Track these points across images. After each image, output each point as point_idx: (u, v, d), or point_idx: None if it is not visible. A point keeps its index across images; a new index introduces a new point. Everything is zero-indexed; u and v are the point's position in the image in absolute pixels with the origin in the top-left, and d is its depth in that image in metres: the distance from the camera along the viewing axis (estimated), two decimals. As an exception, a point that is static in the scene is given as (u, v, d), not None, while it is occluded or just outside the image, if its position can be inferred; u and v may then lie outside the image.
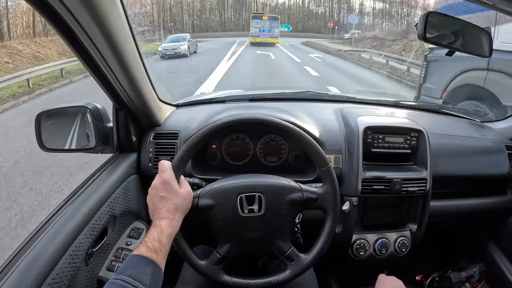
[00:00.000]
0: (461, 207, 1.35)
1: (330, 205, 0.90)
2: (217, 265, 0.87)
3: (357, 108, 1.39)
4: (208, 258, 0.88)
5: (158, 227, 0.74)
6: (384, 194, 1.16)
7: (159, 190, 0.80)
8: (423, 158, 1.21)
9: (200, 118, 1.25)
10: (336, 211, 0.90)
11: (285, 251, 0.88)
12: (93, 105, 1.10)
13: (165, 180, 0.81)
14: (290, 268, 0.88)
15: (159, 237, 0.72)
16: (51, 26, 0.70)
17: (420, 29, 0.97)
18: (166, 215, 0.76)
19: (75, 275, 0.80)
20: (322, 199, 0.90)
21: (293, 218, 0.90)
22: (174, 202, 0.78)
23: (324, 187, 0.91)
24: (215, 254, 0.87)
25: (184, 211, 0.81)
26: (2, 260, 0.73)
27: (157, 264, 0.68)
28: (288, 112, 1.26)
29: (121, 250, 1.01)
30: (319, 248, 0.89)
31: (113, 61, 0.84)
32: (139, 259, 0.67)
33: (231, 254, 0.87)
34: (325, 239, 0.89)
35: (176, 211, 0.78)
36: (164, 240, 0.72)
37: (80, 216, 0.86)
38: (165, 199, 0.78)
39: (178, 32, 30.55)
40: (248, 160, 1.27)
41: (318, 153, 0.91)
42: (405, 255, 1.23)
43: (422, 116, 1.45)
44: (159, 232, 0.73)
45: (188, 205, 0.82)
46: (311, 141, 0.91)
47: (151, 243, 0.70)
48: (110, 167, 1.09)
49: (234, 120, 0.92)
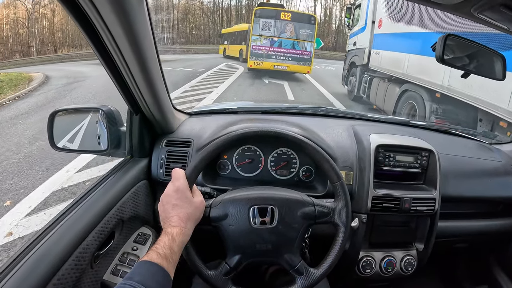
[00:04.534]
0: (468, 228, 1.35)
1: (341, 220, 0.90)
2: (225, 276, 0.86)
3: (369, 126, 1.39)
4: (216, 268, 0.87)
5: (170, 235, 0.73)
6: (393, 213, 1.15)
7: (172, 197, 0.80)
8: (433, 178, 1.20)
9: (213, 127, 1.26)
10: (347, 226, 0.90)
11: (295, 264, 0.87)
12: (107, 107, 1.11)
13: (178, 188, 0.80)
14: (299, 282, 0.87)
15: (170, 245, 0.71)
16: (76, 24, 0.71)
17: (439, 51, 0.98)
18: (178, 223, 0.76)
19: (80, 277, 0.79)
20: (334, 213, 0.90)
21: (304, 232, 0.89)
22: (186, 210, 0.78)
23: (337, 202, 0.91)
24: (225, 264, 0.86)
25: (196, 220, 0.81)
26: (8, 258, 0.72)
27: (167, 272, 0.67)
28: (301, 126, 1.26)
29: (126, 254, 1.00)
30: (330, 262, 0.88)
31: (134, 65, 0.85)
32: (149, 265, 0.66)
33: (240, 266, 0.87)
34: (335, 254, 0.89)
35: (188, 219, 0.77)
36: (175, 248, 0.72)
37: (89, 218, 0.85)
38: (178, 207, 0.78)
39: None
40: (258, 173, 1.26)
41: (332, 167, 0.91)
42: (410, 274, 1.22)
43: (432, 136, 1.46)
44: (171, 240, 0.72)
45: (200, 214, 0.82)
46: (325, 155, 0.92)
47: (162, 250, 0.70)
48: (121, 171, 1.08)
49: (250, 131, 0.92)
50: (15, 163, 4.16)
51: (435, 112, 4.54)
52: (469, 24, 0.90)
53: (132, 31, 0.74)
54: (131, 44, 0.77)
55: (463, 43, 1.04)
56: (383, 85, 6.22)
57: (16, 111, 7.60)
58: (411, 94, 5.20)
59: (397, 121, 1.59)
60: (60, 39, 30.41)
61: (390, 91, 5.92)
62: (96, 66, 14.64)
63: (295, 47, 11.46)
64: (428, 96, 4.71)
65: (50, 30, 29.88)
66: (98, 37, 0.75)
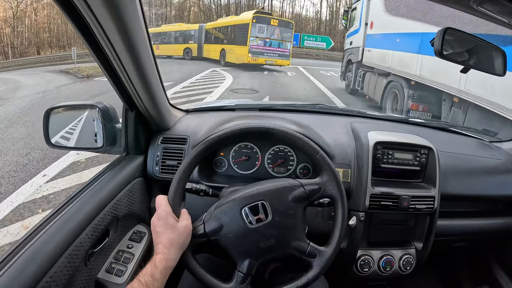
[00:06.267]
0: (468, 227, 1.33)
1: (334, 190, 0.88)
2: (242, 283, 0.83)
3: (367, 123, 1.38)
4: (231, 279, 0.85)
5: (153, 262, 0.74)
6: (392, 211, 1.14)
7: (155, 225, 0.81)
8: (432, 175, 1.19)
9: (209, 125, 1.25)
10: (343, 195, 0.88)
11: (305, 249, 0.85)
12: (103, 104, 1.10)
13: (160, 215, 0.81)
14: (315, 264, 0.85)
15: (152, 272, 0.72)
16: (69, 22, 0.71)
17: (437, 45, 0.97)
18: (162, 250, 0.77)
19: (73, 275, 0.78)
20: (325, 187, 0.89)
21: (302, 215, 0.88)
22: (169, 236, 0.78)
23: (323, 175, 0.90)
24: (238, 273, 0.84)
25: (181, 245, 0.80)
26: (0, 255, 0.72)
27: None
28: (297, 123, 1.25)
29: (121, 252, 0.99)
30: (338, 237, 0.87)
31: (128, 61, 0.84)
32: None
33: (252, 269, 0.84)
34: (340, 227, 0.87)
35: (171, 245, 0.78)
36: (157, 275, 0.72)
37: (83, 215, 0.85)
38: (161, 234, 0.79)
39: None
40: (255, 170, 1.25)
41: (306, 142, 0.91)
42: (409, 273, 1.21)
43: (431, 134, 1.45)
44: (153, 267, 0.73)
45: (186, 238, 0.82)
46: (296, 134, 0.91)
47: (143, 277, 0.71)
48: (116, 168, 1.08)
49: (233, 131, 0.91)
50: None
51: (411, 97, 5.57)
52: (469, 18, 0.89)
53: (124, 26, 0.73)
54: (124, 40, 0.77)
55: (463, 37, 1.02)
56: (373, 78, 7.37)
57: None
58: (394, 84, 6.26)
59: (396, 118, 1.58)
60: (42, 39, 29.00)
61: (379, 82, 7.02)
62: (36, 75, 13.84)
63: (280, 46, 14.97)
64: (406, 84, 5.75)
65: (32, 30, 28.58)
66: (91, 33, 0.75)
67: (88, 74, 12.97)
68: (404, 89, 5.75)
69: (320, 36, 27.56)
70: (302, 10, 41.43)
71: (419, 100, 5.51)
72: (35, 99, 8.41)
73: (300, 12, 37.41)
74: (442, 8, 0.95)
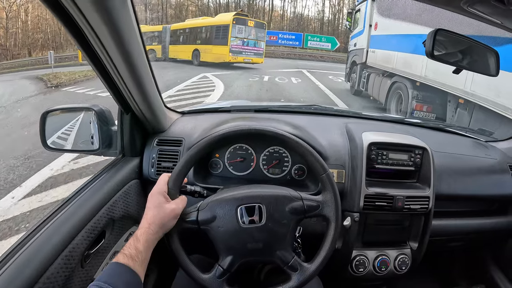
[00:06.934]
0: (463, 226, 1.33)
1: (331, 212, 0.89)
2: (220, 278, 0.85)
3: (362, 124, 1.39)
4: (210, 271, 0.86)
5: (135, 236, 0.76)
6: (386, 211, 1.14)
7: (148, 201, 0.84)
8: (426, 176, 1.19)
9: (204, 126, 1.26)
10: (337, 219, 0.89)
11: (288, 261, 0.86)
12: (99, 107, 1.11)
13: (153, 192, 0.85)
14: (294, 278, 0.86)
15: (135, 245, 0.74)
16: (62, 26, 0.71)
17: (429, 46, 0.97)
18: (143, 225, 0.79)
19: (70, 276, 0.79)
20: (323, 206, 0.89)
21: (294, 227, 0.88)
22: (153, 213, 0.80)
23: (324, 194, 0.90)
24: (218, 267, 0.85)
25: (163, 225, 0.81)
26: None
27: (133, 271, 0.70)
28: (293, 124, 1.26)
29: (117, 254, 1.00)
30: (323, 257, 0.87)
31: (121, 64, 0.85)
32: (115, 266, 0.70)
33: (233, 266, 0.85)
34: (328, 247, 0.88)
35: (152, 222, 0.79)
36: (140, 247, 0.74)
37: (78, 217, 0.85)
38: (148, 210, 0.82)
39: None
40: (250, 171, 1.26)
41: (317, 159, 0.91)
42: (404, 273, 1.21)
43: (426, 134, 1.45)
44: (135, 240, 0.75)
45: (170, 221, 0.83)
46: (309, 148, 0.91)
47: (127, 250, 0.73)
48: (112, 170, 1.08)
49: (229, 132, 0.92)
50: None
51: (416, 98, 5.62)
52: (463, 19, 0.89)
53: (117, 30, 0.74)
54: (117, 43, 0.77)
55: (455, 38, 1.03)
56: (378, 79, 7.40)
57: None
58: (399, 85, 6.30)
59: (391, 118, 1.57)
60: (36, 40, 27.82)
61: (383, 83, 7.07)
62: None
63: (255, 45, 16.13)
64: (410, 85, 5.82)
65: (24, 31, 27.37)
66: (83, 36, 0.75)
67: (59, 82, 11.65)
68: (408, 90, 5.81)
69: (325, 36, 26.14)
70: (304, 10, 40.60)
71: (424, 100, 5.56)
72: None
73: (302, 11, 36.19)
74: (435, 9, 0.95)
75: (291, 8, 34.79)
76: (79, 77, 12.35)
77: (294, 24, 32.29)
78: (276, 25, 32.20)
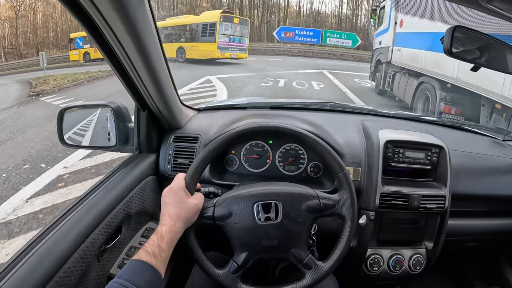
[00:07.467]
0: (479, 227, 1.31)
1: (347, 211, 0.89)
2: (234, 273, 0.85)
3: (378, 121, 1.37)
4: (224, 266, 0.87)
5: (159, 233, 0.76)
6: (402, 210, 1.13)
7: (166, 197, 0.83)
8: (443, 175, 1.18)
9: (221, 123, 1.26)
10: (353, 218, 0.89)
11: (303, 259, 0.86)
12: (116, 104, 1.12)
13: (172, 188, 0.84)
14: (308, 276, 0.86)
15: (158, 243, 0.73)
16: (80, 24, 0.72)
17: (447, 43, 0.96)
18: (168, 221, 0.78)
19: (86, 271, 0.80)
20: (339, 205, 0.89)
21: (310, 225, 0.89)
22: (177, 210, 0.80)
23: (341, 193, 0.90)
24: (232, 263, 0.86)
25: (187, 221, 0.82)
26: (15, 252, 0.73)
27: (155, 269, 0.69)
28: (309, 122, 1.25)
29: (133, 249, 1.01)
30: (338, 255, 0.87)
31: (138, 61, 0.86)
32: (137, 263, 0.69)
33: (248, 263, 0.86)
34: (343, 247, 0.88)
35: (178, 218, 0.79)
36: (163, 246, 0.74)
37: (96, 212, 0.87)
38: (170, 206, 0.81)
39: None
40: (266, 168, 1.26)
41: (334, 158, 0.91)
42: (419, 273, 1.20)
43: (443, 132, 1.42)
44: (159, 238, 0.74)
45: (193, 216, 0.83)
46: (327, 147, 0.91)
47: (150, 248, 0.72)
48: (128, 166, 1.10)
49: (249, 128, 0.92)
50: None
51: (444, 100, 5.30)
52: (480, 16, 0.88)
53: (134, 28, 0.75)
54: (134, 41, 0.78)
55: (473, 35, 1.01)
56: (404, 79, 7.05)
57: None
58: (426, 86, 5.94)
59: (408, 116, 1.55)
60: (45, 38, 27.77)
61: (409, 84, 6.72)
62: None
63: (240, 41, 16.76)
64: (439, 86, 5.46)
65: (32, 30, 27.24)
66: (100, 34, 0.76)
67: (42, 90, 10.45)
68: (436, 91, 5.51)
69: (345, 33, 24.09)
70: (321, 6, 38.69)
71: (453, 103, 5.24)
72: None
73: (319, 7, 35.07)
74: (453, 6, 0.94)
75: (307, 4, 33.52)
76: (68, 82, 11.53)
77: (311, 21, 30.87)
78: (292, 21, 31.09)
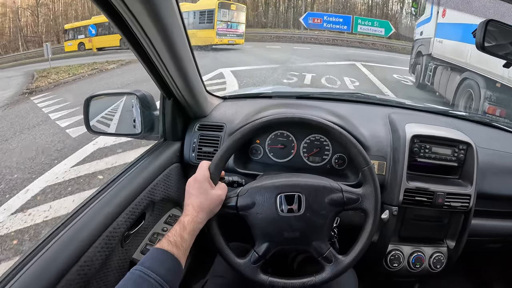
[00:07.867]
0: (504, 228, 1.27)
1: (370, 207, 0.88)
2: (254, 263, 0.86)
3: (405, 114, 1.34)
4: (245, 256, 0.87)
5: (182, 223, 0.76)
6: (426, 207, 1.11)
7: (190, 187, 0.83)
8: (469, 173, 1.15)
9: (246, 112, 1.26)
10: (376, 213, 0.88)
11: (323, 252, 0.86)
12: (141, 92, 1.14)
13: (196, 178, 0.84)
14: (328, 269, 0.86)
15: (181, 233, 0.74)
16: (105, 15, 0.72)
17: (479, 38, 0.94)
18: (191, 212, 0.79)
19: (109, 255, 0.82)
20: (362, 199, 0.88)
21: (332, 218, 0.88)
22: (200, 200, 0.81)
23: (365, 187, 0.89)
24: (253, 252, 0.86)
25: (210, 211, 0.82)
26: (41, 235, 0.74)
27: (176, 258, 0.70)
28: (334, 113, 1.24)
29: (156, 235, 1.03)
30: (358, 250, 0.87)
31: (163, 50, 0.86)
32: (159, 252, 0.70)
33: (268, 253, 0.86)
34: (364, 241, 0.87)
35: (201, 209, 0.80)
36: (185, 236, 0.74)
37: (121, 199, 0.88)
38: (193, 196, 0.81)
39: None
40: (290, 159, 1.25)
41: (360, 152, 0.89)
42: (438, 272, 1.18)
43: (472, 128, 1.38)
44: (182, 228, 0.75)
45: (216, 207, 0.84)
46: (352, 140, 0.90)
47: (172, 237, 0.73)
48: (153, 154, 1.11)
49: (274, 119, 0.92)
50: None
51: (489, 99, 4.84)
52: None
53: (160, 20, 0.75)
54: (160, 32, 0.79)
55: (507, 30, 0.99)
56: (446, 73, 6.54)
57: None
58: (470, 83, 5.48)
59: (436, 110, 1.50)
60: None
61: (451, 79, 6.23)
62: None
63: (237, 28, 16.98)
64: (484, 84, 4.99)
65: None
66: (126, 24, 0.76)
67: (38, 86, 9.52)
68: (481, 89, 5.08)
69: (378, 20, 21.50)
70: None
71: (499, 103, 4.83)
72: None
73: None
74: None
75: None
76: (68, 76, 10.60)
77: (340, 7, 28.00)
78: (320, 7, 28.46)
